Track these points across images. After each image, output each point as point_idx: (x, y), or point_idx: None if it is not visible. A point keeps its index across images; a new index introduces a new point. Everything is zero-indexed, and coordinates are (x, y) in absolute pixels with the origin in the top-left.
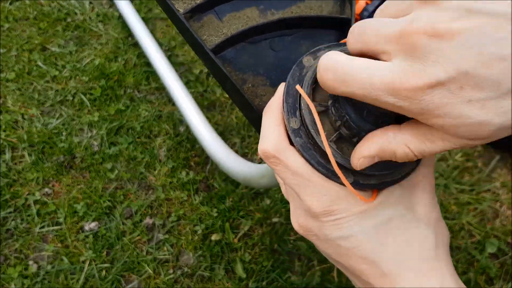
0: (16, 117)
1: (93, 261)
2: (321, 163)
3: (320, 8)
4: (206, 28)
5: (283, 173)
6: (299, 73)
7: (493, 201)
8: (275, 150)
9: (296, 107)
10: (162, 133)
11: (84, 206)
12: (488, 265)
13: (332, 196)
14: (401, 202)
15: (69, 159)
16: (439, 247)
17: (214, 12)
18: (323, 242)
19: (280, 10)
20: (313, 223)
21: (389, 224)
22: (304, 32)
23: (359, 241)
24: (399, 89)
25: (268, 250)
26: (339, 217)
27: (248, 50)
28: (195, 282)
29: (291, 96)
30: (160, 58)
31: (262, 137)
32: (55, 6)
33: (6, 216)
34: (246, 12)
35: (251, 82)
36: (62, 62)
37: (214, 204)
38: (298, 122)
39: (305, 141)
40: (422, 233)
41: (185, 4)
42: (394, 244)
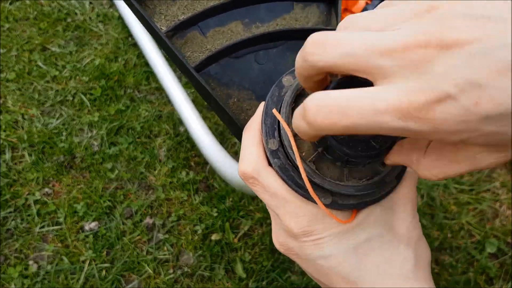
0: (16, 117)
1: (93, 261)
2: (299, 184)
3: (306, 19)
4: (189, 45)
5: (262, 194)
6: (278, 93)
7: (493, 201)
8: (253, 171)
9: (275, 128)
10: (162, 133)
11: (84, 206)
12: (487, 265)
13: (310, 217)
14: (381, 222)
15: (69, 159)
16: (419, 267)
17: (198, 28)
18: (304, 261)
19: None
20: (293, 243)
21: (369, 244)
22: (289, 44)
23: (338, 261)
24: (408, 109)
25: (268, 250)
26: (318, 237)
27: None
28: (195, 282)
29: (270, 116)
30: (160, 59)
31: (241, 157)
32: (55, 6)
33: (6, 216)
34: (231, 26)
35: (236, 96)
36: (62, 62)
37: (214, 204)
38: (277, 143)
39: (283, 162)
40: (402, 254)
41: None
42: (373, 264)
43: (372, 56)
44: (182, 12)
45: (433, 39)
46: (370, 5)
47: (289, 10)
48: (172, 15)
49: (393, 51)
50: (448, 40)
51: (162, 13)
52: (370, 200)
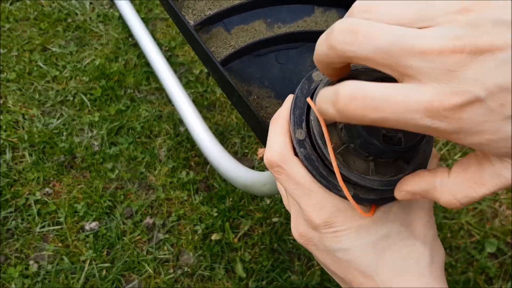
0: (17, 117)
1: (93, 260)
2: (323, 175)
3: (325, 22)
4: (214, 40)
5: (286, 183)
6: (307, 86)
7: (492, 201)
8: (279, 159)
9: (303, 119)
10: (162, 133)
11: (84, 206)
12: (487, 264)
13: (332, 208)
14: (399, 219)
15: (70, 159)
16: (434, 265)
17: (223, 24)
18: (322, 253)
19: (286, 24)
20: (312, 233)
21: (387, 240)
22: (309, 46)
23: (357, 255)
24: (438, 109)
25: (268, 250)
26: (338, 229)
27: (254, 62)
28: (195, 282)
29: (299, 108)
30: (160, 59)
31: (268, 146)
32: (55, 7)
33: (6, 215)
34: (254, 25)
35: (256, 94)
36: (62, 62)
37: (214, 204)
38: (304, 134)
39: (309, 153)
40: (418, 251)
41: (194, 15)
42: (390, 259)
43: (407, 56)
44: (209, 7)
45: (467, 45)
46: None
47: (310, 13)
48: (199, 9)
49: (428, 53)
50: (482, 47)
51: (189, 7)
52: (389, 197)
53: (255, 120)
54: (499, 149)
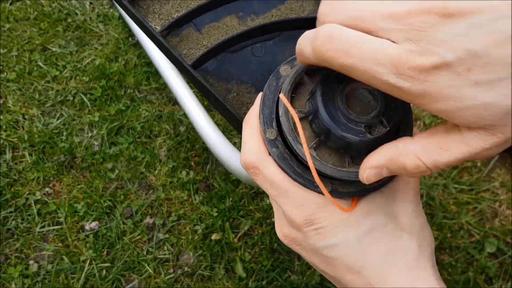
0: (17, 117)
1: (93, 260)
2: (298, 172)
3: (301, 8)
4: (185, 42)
5: (263, 183)
6: (275, 83)
7: (492, 201)
8: (254, 160)
9: (273, 118)
10: (162, 133)
11: (84, 206)
12: (487, 264)
13: (312, 206)
14: (383, 211)
15: (70, 159)
16: (422, 256)
17: (193, 24)
18: (308, 253)
19: (260, 15)
20: (296, 233)
21: (372, 234)
22: (286, 35)
23: (342, 251)
24: (404, 66)
25: (268, 250)
26: (320, 226)
27: (230, 60)
28: (195, 282)
29: (267, 107)
30: (162, 56)
31: (242, 148)
32: (55, 7)
33: (6, 215)
34: (226, 21)
35: (235, 91)
36: (62, 62)
37: (214, 203)
38: (275, 133)
39: (282, 152)
40: (406, 243)
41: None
42: (377, 254)
43: (378, 19)
44: (176, 10)
45: (436, 6)
46: None
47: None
48: (166, 13)
49: (397, 15)
50: (451, 9)
51: (155, 12)
52: (370, 188)
53: (235, 119)
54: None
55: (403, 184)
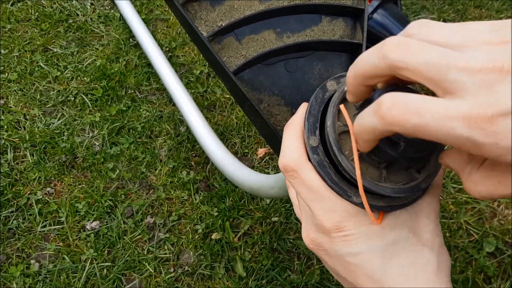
0: (18, 118)
1: (94, 260)
2: (334, 181)
3: (332, 32)
4: (226, 50)
5: (299, 187)
6: (321, 95)
7: (491, 201)
8: (294, 164)
9: (316, 127)
10: (163, 133)
11: (85, 206)
12: (486, 264)
13: (343, 213)
14: (407, 226)
15: (71, 159)
16: (441, 271)
17: (234, 34)
18: (332, 258)
19: (295, 33)
20: (323, 238)
21: (395, 245)
22: (317, 55)
23: (366, 259)
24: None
25: (268, 249)
26: (348, 233)
27: (264, 71)
28: (196, 281)
29: (313, 116)
30: (162, 60)
31: (282, 151)
32: (56, 7)
33: (8, 215)
34: (264, 34)
35: (267, 102)
36: (63, 63)
37: (214, 203)
38: (317, 141)
39: (322, 159)
40: (426, 257)
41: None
42: (398, 265)
43: (452, 70)
44: (221, 18)
45: (506, 66)
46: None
47: (317, 22)
48: (211, 21)
49: (471, 69)
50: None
51: (202, 18)
52: (396, 205)
53: (267, 127)
54: None
55: (426, 205)
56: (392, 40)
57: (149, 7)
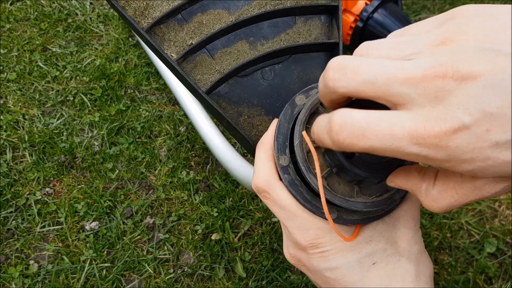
0: (17, 117)
1: (93, 260)
2: (307, 199)
3: (308, 32)
4: (199, 68)
5: (272, 207)
6: (290, 111)
7: (492, 201)
8: (265, 185)
9: (286, 145)
10: (162, 133)
11: (85, 206)
12: (487, 264)
13: (317, 230)
14: (383, 237)
15: (70, 159)
16: (420, 280)
17: (206, 51)
18: (312, 273)
19: (269, 40)
20: (301, 255)
21: (372, 257)
22: (294, 58)
23: (344, 273)
24: (423, 136)
25: (268, 250)
26: (324, 249)
27: (241, 83)
28: (195, 282)
29: (282, 134)
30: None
31: (254, 172)
32: (56, 7)
33: (7, 215)
34: (237, 46)
35: (246, 113)
36: (63, 62)
37: (214, 203)
38: (287, 160)
39: (293, 178)
40: (404, 267)
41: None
42: (376, 276)
43: (393, 84)
44: (190, 37)
45: (449, 70)
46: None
47: (291, 25)
48: (180, 40)
49: (413, 80)
50: (463, 72)
51: (171, 39)
52: (373, 216)
53: (246, 142)
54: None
55: (404, 212)
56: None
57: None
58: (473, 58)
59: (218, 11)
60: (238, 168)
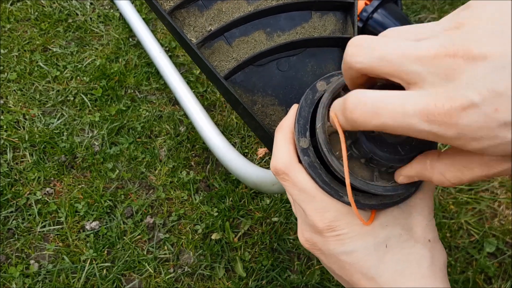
0: (18, 117)
1: (94, 260)
2: (325, 181)
3: (323, 27)
4: (217, 54)
5: (291, 189)
6: (311, 96)
7: (492, 201)
8: (284, 167)
9: (306, 128)
10: (162, 133)
11: (85, 206)
12: (486, 264)
13: (335, 213)
14: (399, 223)
15: (70, 159)
16: (434, 266)
17: (224, 38)
18: (327, 257)
19: (285, 32)
20: (317, 238)
21: (388, 242)
22: (309, 52)
23: (360, 257)
24: (434, 114)
25: (268, 249)
26: (341, 232)
27: (256, 72)
28: (196, 281)
29: (303, 117)
30: (164, 59)
31: (273, 154)
32: (56, 7)
33: (7, 215)
34: (254, 36)
35: (260, 102)
36: (63, 62)
37: (214, 203)
38: (307, 142)
39: (312, 160)
40: (419, 253)
41: (196, 32)
42: (392, 262)
43: (406, 62)
44: (210, 23)
45: (460, 50)
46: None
47: (307, 19)
48: (200, 26)
49: (424, 58)
50: (474, 53)
51: (191, 24)
52: (389, 203)
53: (261, 129)
54: (497, 152)
55: (419, 201)
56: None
57: (148, 7)
58: (484, 40)
59: (237, 0)
60: (237, 164)
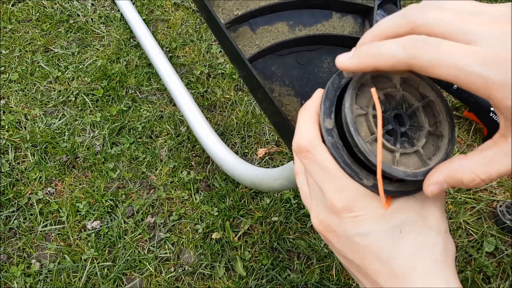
0: (19, 118)
1: (95, 259)
2: (347, 162)
3: (342, 28)
4: (241, 39)
5: (312, 166)
6: (338, 81)
7: (491, 201)
8: (308, 144)
9: (332, 110)
10: (163, 133)
11: (86, 205)
12: (485, 263)
13: (354, 193)
14: (414, 211)
15: (72, 159)
16: (447, 254)
17: (249, 24)
18: (340, 239)
19: (307, 27)
20: (332, 219)
21: (403, 227)
22: (326, 49)
23: (375, 240)
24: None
25: (268, 249)
26: (358, 214)
27: (276, 62)
28: (196, 280)
29: (329, 99)
30: (163, 60)
31: (297, 132)
32: (57, 8)
33: (9, 215)
34: (277, 26)
35: (277, 91)
36: (64, 63)
37: (215, 203)
38: (332, 123)
39: (336, 141)
40: (433, 239)
41: (224, 14)
42: (406, 246)
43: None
44: (237, 8)
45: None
46: None
47: (328, 18)
48: (228, 9)
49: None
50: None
51: (219, 6)
52: (405, 191)
53: (278, 115)
54: None
55: None
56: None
57: (149, 8)
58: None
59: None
60: (234, 165)
